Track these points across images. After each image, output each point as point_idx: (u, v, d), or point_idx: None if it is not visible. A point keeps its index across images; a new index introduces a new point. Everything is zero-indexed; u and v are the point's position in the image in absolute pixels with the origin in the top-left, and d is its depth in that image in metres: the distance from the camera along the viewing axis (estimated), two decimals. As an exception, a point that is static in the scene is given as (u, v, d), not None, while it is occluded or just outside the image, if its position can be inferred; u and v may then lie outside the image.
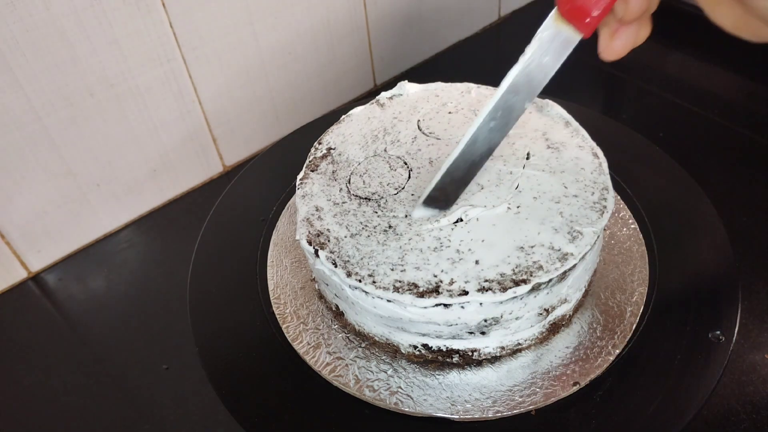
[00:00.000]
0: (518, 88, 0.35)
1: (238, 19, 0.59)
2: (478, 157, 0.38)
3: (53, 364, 0.50)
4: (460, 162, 0.38)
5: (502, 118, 0.36)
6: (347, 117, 0.49)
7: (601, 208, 0.39)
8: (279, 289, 0.46)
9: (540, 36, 0.33)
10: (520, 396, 0.38)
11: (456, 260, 0.37)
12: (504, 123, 0.36)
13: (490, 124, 0.36)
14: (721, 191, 0.55)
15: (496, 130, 0.37)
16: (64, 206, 0.57)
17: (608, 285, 0.44)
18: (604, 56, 0.33)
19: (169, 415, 0.46)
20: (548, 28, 0.33)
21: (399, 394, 0.39)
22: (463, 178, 0.39)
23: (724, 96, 0.70)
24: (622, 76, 0.75)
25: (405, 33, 0.75)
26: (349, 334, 0.42)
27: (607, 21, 0.32)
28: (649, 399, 0.37)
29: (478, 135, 0.37)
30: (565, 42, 0.33)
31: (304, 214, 0.41)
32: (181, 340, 0.49)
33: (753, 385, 0.43)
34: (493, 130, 0.37)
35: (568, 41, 0.33)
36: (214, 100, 0.62)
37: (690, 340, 0.40)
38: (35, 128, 0.52)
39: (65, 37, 0.50)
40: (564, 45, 0.33)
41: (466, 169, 0.38)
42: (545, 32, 0.33)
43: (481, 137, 0.37)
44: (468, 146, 0.37)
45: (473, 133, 0.37)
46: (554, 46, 0.33)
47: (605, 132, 0.48)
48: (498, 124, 0.36)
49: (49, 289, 0.57)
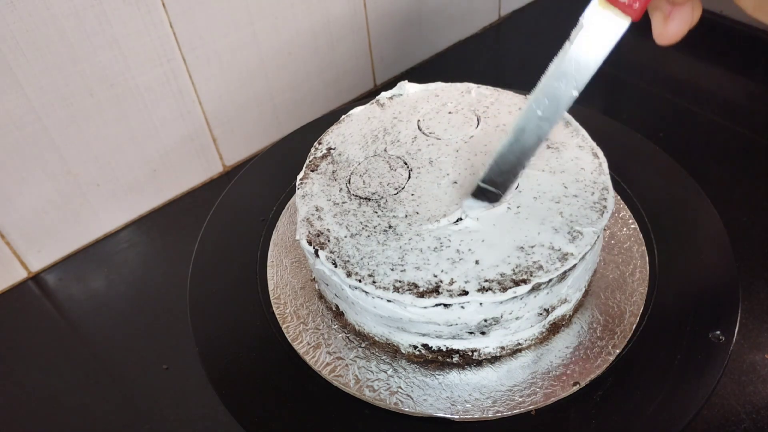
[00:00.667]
0: (564, 74, 0.33)
1: (238, 19, 0.59)
2: (528, 148, 0.36)
3: (53, 364, 0.50)
4: (509, 153, 0.37)
5: (550, 106, 0.34)
6: (347, 117, 0.49)
7: (601, 208, 0.39)
8: (279, 289, 0.46)
9: (585, 21, 0.32)
10: (520, 396, 0.38)
11: (456, 260, 0.37)
12: (553, 111, 0.35)
13: (538, 113, 0.35)
14: (721, 191, 0.55)
15: (545, 119, 0.35)
16: (64, 206, 0.57)
17: (608, 285, 0.44)
18: (660, 41, 0.31)
19: (169, 415, 0.46)
20: (594, 13, 0.31)
21: (399, 394, 0.39)
22: (512, 169, 0.37)
23: (724, 96, 0.70)
24: (622, 76, 0.75)
25: (405, 33, 0.75)
26: (349, 334, 0.42)
27: (659, 4, 0.31)
28: (649, 399, 0.37)
29: (526, 124, 0.35)
30: (614, 27, 0.31)
31: (304, 214, 0.41)
32: (181, 340, 0.49)
33: (753, 385, 0.43)
34: (542, 119, 0.35)
35: (617, 26, 0.31)
36: (214, 100, 0.62)
37: (690, 341, 0.40)
38: (35, 128, 0.52)
39: (65, 37, 0.50)
40: (612, 31, 0.31)
41: (515, 160, 0.37)
42: (591, 18, 0.32)
43: (530, 126, 0.35)
44: (516, 136, 0.36)
45: (521, 122, 0.35)
46: (601, 31, 0.32)
47: (605, 132, 0.48)
48: (546, 113, 0.35)
49: (49, 289, 0.57)
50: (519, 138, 0.36)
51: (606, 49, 0.32)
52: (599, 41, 0.32)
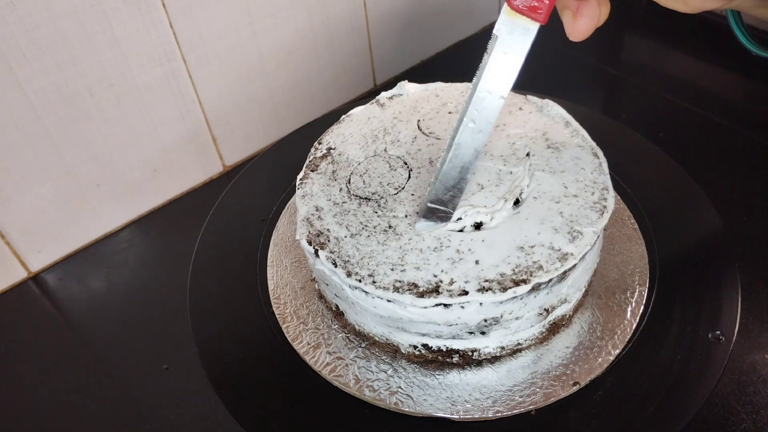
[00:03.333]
0: (488, 85, 0.35)
1: (238, 19, 0.59)
2: (467, 161, 0.38)
3: (53, 364, 0.50)
4: (450, 169, 0.38)
5: (481, 117, 0.36)
6: (347, 117, 0.49)
7: (601, 208, 0.39)
8: (279, 289, 0.46)
9: (497, 33, 0.34)
10: (520, 396, 0.38)
11: (456, 260, 0.37)
12: (485, 121, 0.36)
13: (471, 125, 0.36)
14: (721, 191, 0.55)
15: (479, 130, 0.36)
16: (64, 206, 0.57)
17: (608, 285, 0.44)
18: (572, 37, 0.34)
19: (169, 415, 0.46)
20: (504, 23, 0.33)
21: (399, 394, 0.39)
22: (456, 185, 0.38)
23: (724, 96, 0.70)
24: (622, 76, 0.75)
25: (405, 33, 0.75)
26: (349, 334, 0.42)
27: (567, 3, 0.33)
28: (649, 399, 0.37)
29: (461, 139, 0.37)
30: (525, 32, 0.33)
31: (304, 214, 0.41)
32: (181, 340, 0.49)
33: (753, 385, 0.43)
34: (476, 130, 0.36)
35: (528, 31, 0.33)
36: (214, 100, 0.62)
37: (690, 340, 0.40)
38: (35, 128, 0.52)
39: (65, 37, 0.50)
40: (524, 36, 0.34)
41: (457, 175, 0.38)
42: (502, 28, 0.34)
43: (465, 141, 0.37)
44: (454, 151, 0.37)
45: (456, 138, 0.37)
46: (514, 39, 0.34)
47: (605, 132, 0.48)
48: (479, 125, 0.36)
49: (49, 289, 0.57)
50: (457, 153, 0.37)
51: (522, 54, 0.34)
52: (514, 49, 0.34)
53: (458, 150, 0.37)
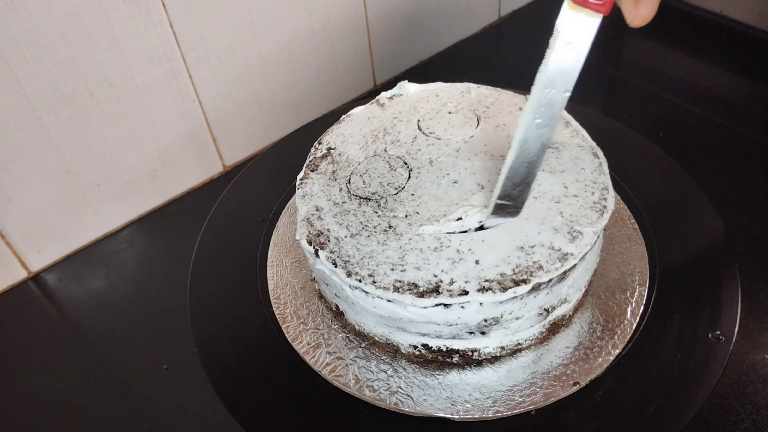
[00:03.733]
0: (552, 81, 0.35)
1: (238, 19, 0.59)
2: (534, 156, 0.37)
3: (53, 364, 0.50)
4: (517, 166, 0.38)
5: (546, 113, 0.36)
6: (347, 117, 0.49)
7: (601, 208, 0.39)
8: (279, 289, 0.46)
9: (559, 28, 0.33)
10: (520, 396, 0.38)
11: (456, 260, 0.37)
12: (550, 117, 0.36)
13: (536, 122, 0.36)
14: (721, 191, 0.55)
15: (544, 125, 0.36)
16: (64, 206, 0.57)
17: (608, 285, 0.44)
18: (633, 24, 0.33)
19: (169, 415, 0.46)
20: (566, 17, 0.33)
21: (399, 394, 0.39)
22: (524, 180, 0.38)
23: (724, 96, 0.70)
24: (622, 76, 0.75)
25: (405, 33, 0.75)
26: (349, 334, 0.42)
27: None
28: (649, 399, 0.37)
29: (527, 135, 0.37)
30: (587, 25, 0.33)
31: (304, 214, 0.41)
32: (181, 340, 0.49)
33: (753, 385, 0.43)
34: (541, 126, 0.36)
35: (590, 24, 0.33)
36: (214, 100, 0.62)
37: (690, 340, 0.40)
38: (35, 128, 0.52)
39: (65, 37, 0.50)
40: (587, 29, 0.33)
41: (524, 171, 0.38)
42: (564, 22, 0.33)
43: (531, 137, 0.37)
44: (520, 148, 0.37)
45: (522, 134, 0.37)
46: (577, 33, 0.33)
47: (605, 132, 0.48)
48: (544, 120, 0.36)
49: (49, 289, 0.57)
50: (524, 149, 0.37)
51: (585, 48, 0.34)
52: (576, 42, 0.34)
53: (525, 146, 0.37)
